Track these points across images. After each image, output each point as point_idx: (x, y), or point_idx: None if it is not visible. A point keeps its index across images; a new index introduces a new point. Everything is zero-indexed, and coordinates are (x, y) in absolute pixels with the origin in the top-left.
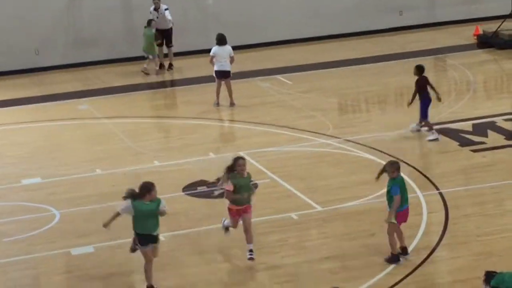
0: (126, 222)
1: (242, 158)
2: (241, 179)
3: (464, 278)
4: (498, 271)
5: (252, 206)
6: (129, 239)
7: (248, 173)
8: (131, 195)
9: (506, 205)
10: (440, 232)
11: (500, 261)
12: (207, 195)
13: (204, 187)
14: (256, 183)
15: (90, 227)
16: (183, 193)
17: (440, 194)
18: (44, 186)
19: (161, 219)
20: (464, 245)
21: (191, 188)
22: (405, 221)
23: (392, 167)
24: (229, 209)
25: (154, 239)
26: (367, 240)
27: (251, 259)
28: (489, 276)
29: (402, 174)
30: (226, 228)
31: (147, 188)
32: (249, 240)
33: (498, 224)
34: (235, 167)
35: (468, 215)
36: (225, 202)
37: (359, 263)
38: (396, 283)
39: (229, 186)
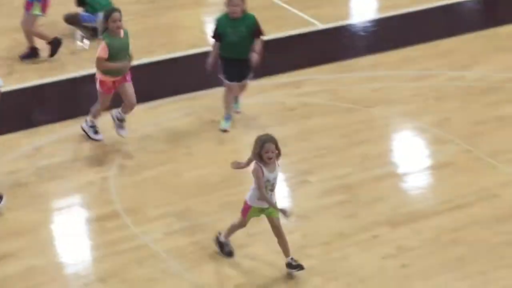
0: None
1: (118, 10)
2: (116, 39)
3: None
4: None
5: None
6: None
7: (125, 31)
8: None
9: None
10: None
11: None
12: None
13: None
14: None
15: None
16: None
17: None
18: None
19: None
20: None
21: None
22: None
23: None
24: (101, 83)
25: None
26: None
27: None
28: None
29: None
30: (92, 128)
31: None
32: (128, 110)
33: None
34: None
35: None
36: None
37: None
38: None
39: (102, 50)
